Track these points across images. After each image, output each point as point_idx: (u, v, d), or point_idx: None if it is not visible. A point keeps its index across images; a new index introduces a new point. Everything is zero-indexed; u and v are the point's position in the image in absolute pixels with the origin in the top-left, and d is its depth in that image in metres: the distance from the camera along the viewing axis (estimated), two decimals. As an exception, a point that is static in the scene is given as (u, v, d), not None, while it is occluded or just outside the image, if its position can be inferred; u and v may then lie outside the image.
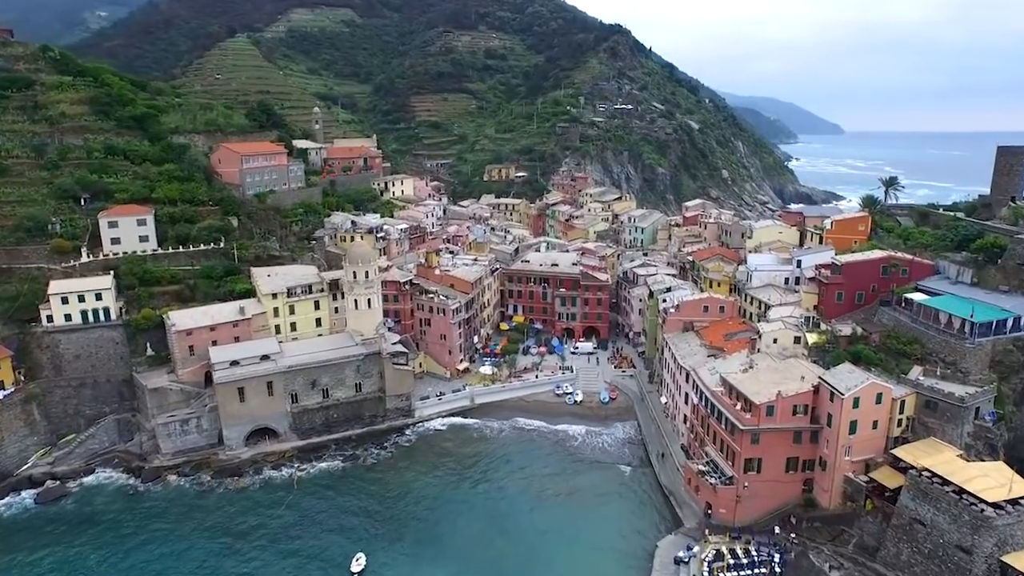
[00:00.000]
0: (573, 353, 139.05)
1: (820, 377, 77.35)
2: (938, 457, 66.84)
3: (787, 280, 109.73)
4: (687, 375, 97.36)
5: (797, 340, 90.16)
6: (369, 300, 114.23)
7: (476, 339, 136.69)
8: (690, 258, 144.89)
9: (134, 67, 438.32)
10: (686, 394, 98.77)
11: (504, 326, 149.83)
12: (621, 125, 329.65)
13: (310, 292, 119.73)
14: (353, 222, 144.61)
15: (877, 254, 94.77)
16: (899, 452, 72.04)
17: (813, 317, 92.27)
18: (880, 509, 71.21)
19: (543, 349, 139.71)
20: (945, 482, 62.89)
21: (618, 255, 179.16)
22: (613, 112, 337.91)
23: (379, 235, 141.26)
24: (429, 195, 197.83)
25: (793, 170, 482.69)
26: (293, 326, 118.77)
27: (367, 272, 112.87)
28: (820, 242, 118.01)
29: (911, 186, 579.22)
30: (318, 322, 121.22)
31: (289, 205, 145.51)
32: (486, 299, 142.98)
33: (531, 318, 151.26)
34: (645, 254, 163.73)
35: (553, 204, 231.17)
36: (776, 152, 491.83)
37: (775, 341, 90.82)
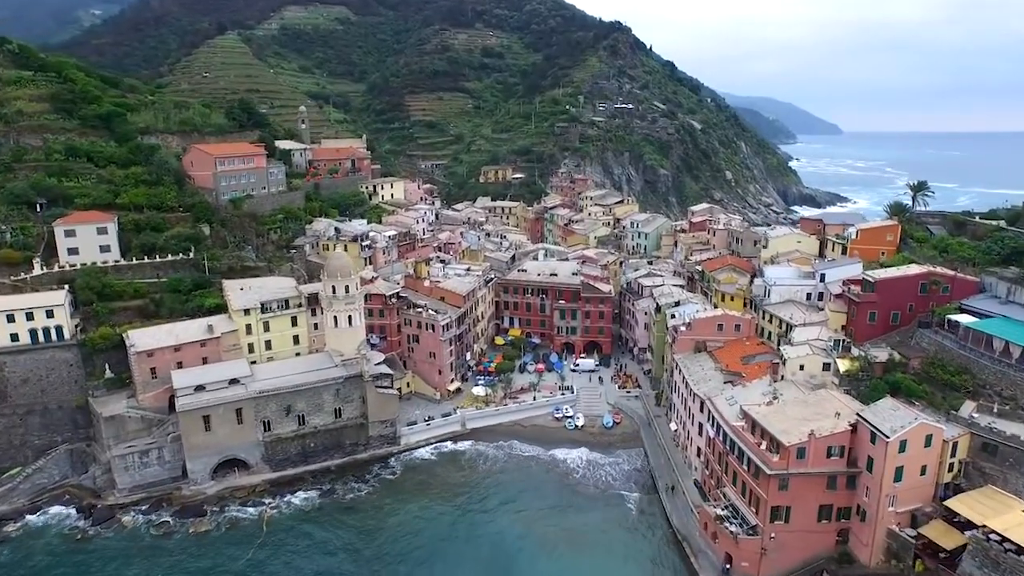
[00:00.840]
0: (573, 371, 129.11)
1: (858, 414, 67.35)
2: (1007, 517, 56.83)
3: (809, 296, 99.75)
4: (701, 403, 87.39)
5: (826, 367, 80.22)
6: (350, 317, 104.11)
7: (469, 356, 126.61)
8: (699, 268, 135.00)
9: (123, 65, 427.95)
10: (700, 424, 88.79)
11: (500, 340, 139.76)
12: (622, 125, 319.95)
13: (287, 307, 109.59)
14: (337, 229, 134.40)
15: (915, 269, 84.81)
16: (955, 505, 62.11)
17: (843, 340, 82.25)
18: (933, 574, 61.20)
19: (541, 367, 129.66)
20: (1020, 550, 52.91)
21: (620, 263, 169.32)
22: (613, 111, 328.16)
23: (364, 243, 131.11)
24: (421, 198, 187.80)
25: (796, 171, 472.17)
26: (268, 344, 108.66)
27: (347, 286, 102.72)
28: (843, 253, 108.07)
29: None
30: (295, 340, 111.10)
31: (268, 211, 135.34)
32: (480, 312, 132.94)
33: (528, 331, 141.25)
34: (650, 262, 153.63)
35: (551, 208, 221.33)
36: (779, 153, 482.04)
37: (801, 368, 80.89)
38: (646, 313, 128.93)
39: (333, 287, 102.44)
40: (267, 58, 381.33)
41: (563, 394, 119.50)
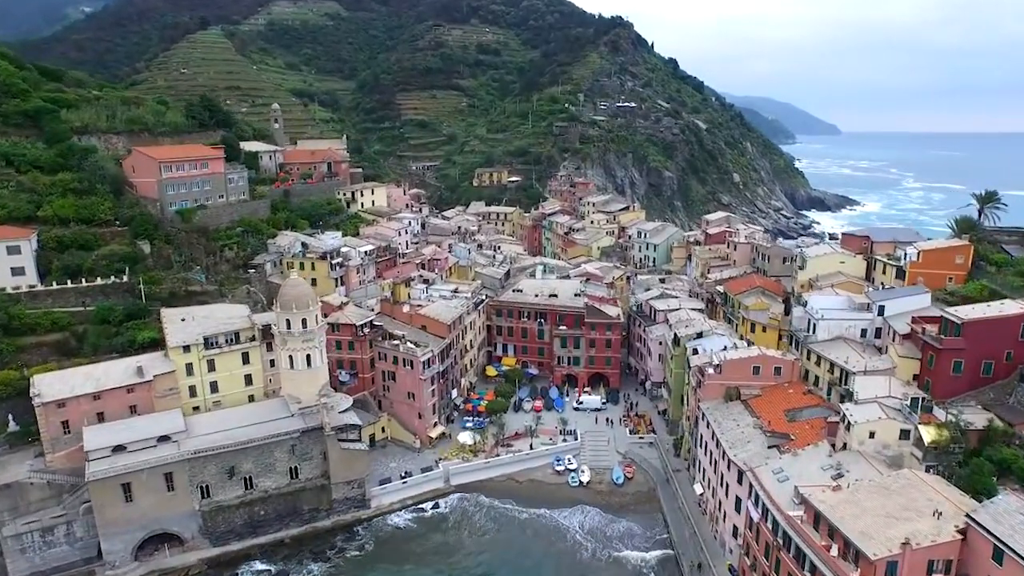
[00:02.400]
0: (576, 409, 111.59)
1: (970, 517, 49.82)
2: None
3: (864, 332, 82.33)
4: (739, 474, 69.91)
5: (905, 435, 62.64)
6: (309, 356, 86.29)
7: (455, 393, 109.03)
8: (720, 289, 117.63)
9: (104, 62, 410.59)
10: (737, 498, 71.30)
11: (492, 371, 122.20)
12: (624, 125, 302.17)
13: (237, 341, 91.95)
14: (304, 244, 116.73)
15: (1014, 307, 67.23)
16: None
17: (924, 398, 64.74)
18: None
19: (539, 405, 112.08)
20: None
21: (627, 278, 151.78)
22: (615, 110, 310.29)
23: (335, 261, 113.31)
24: (407, 205, 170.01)
25: (803, 172, 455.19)
26: (214, 387, 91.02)
27: (305, 320, 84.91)
28: (898, 277, 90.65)
29: (924, 189, 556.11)
30: (248, 380, 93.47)
31: (225, 223, 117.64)
32: (468, 340, 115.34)
33: (524, 360, 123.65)
34: (662, 280, 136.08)
35: (550, 214, 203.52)
36: (785, 154, 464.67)
37: (872, 436, 63.29)
38: (660, 343, 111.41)
39: (288, 321, 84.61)
40: (251, 54, 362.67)
41: (565, 440, 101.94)
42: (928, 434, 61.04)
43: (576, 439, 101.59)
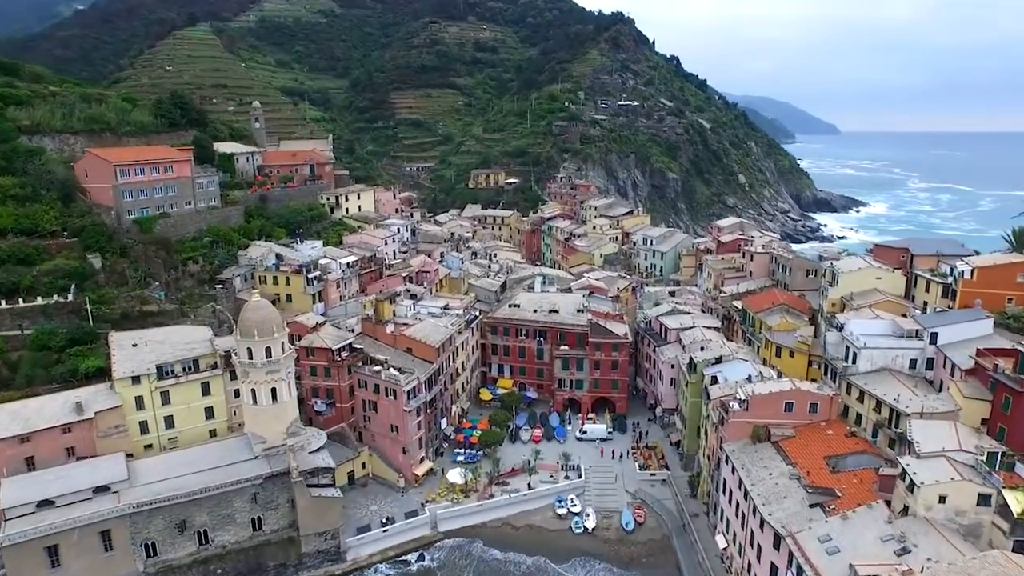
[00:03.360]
0: (580, 439, 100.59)
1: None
2: None
3: (914, 363, 71.35)
4: (775, 537, 58.87)
5: (984, 501, 51.59)
6: (274, 390, 75.13)
7: (445, 422, 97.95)
8: (738, 305, 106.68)
9: (90, 59, 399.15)
10: (773, 566, 60.21)
11: (486, 395, 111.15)
12: (626, 124, 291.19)
13: (196, 369, 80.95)
14: (279, 256, 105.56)
15: (1107, 344, 56.22)
16: None
17: (1004, 452, 53.73)
18: None
19: (538, 434, 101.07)
20: None
21: (633, 288, 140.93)
22: (617, 109, 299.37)
23: (312, 275, 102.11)
24: (397, 210, 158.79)
25: (809, 173, 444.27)
26: (169, 422, 79.98)
27: (269, 348, 73.75)
28: (945, 296, 79.60)
29: (930, 190, 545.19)
30: (209, 413, 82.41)
31: (191, 233, 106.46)
32: (460, 362, 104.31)
33: (523, 382, 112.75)
34: (672, 293, 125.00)
35: (550, 218, 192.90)
36: (790, 154, 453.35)
37: (942, 500, 52.24)
38: (672, 366, 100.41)
39: (249, 350, 73.44)
40: (240, 51, 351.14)
41: (567, 477, 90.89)
42: (1017, 502, 49.98)
43: (580, 476, 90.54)
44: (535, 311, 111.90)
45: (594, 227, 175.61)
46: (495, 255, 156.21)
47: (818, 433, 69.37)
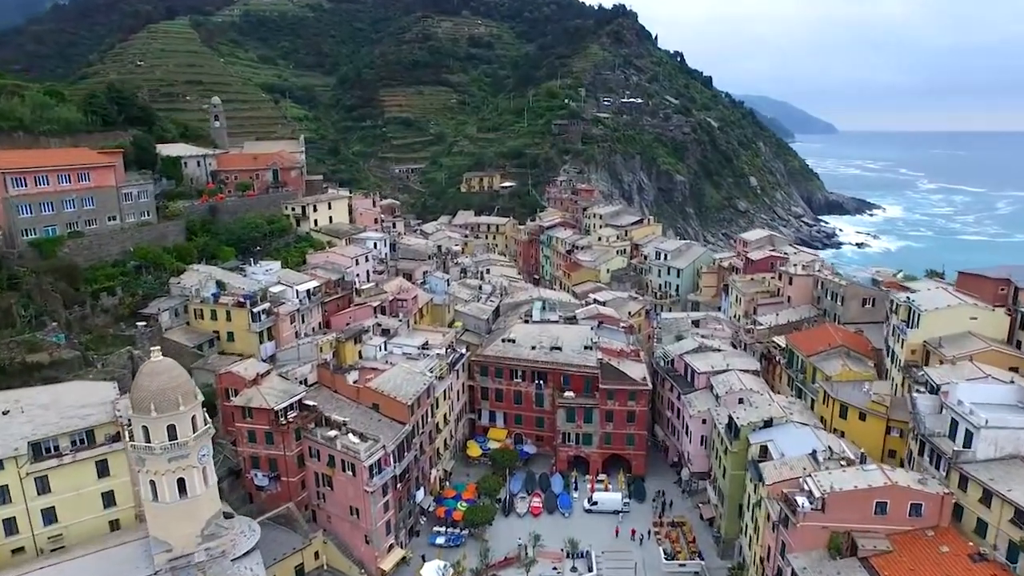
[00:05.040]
0: (589, 511, 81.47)
1: None
2: None
3: (1051, 448, 52.22)
4: None
5: None
6: (182, 481, 55.65)
7: (421, 494, 78.62)
8: (780, 342, 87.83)
9: (66, 55, 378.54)
10: None
11: (474, 449, 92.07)
12: (630, 123, 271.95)
13: (90, 443, 61.42)
14: (220, 284, 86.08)
15: None
16: None
17: None
18: None
19: (537, 504, 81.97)
20: None
21: (647, 311, 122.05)
22: (620, 106, 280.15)
23: (259, 308, 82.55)
24: (377, 220, 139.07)
25: (818, 175, 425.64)
26: (49, 516, 60.37)
27: (173, 427, 54.24)
28: (1070, 346, 60.63)
29: (942, 191, 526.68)
30: (108, 500, 62.70)
31: (113, 256, 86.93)
32: (442, 415, 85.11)
33: (518, 433, 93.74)
34: (696, 322, 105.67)
35: (549, 227, 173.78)
36: (799, 154, 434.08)
37: None
38: (704, 421, 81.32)
39: (145, 429, 53.97)
40: (219, 46, 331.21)
41: (575, 569, 71.70)
42: None
43: (590, 569, 71.28)
44: (533, 347, 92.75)
45: (599, 238, 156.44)
46: (487, 271, 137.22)
47: (927, 549, 50.16)
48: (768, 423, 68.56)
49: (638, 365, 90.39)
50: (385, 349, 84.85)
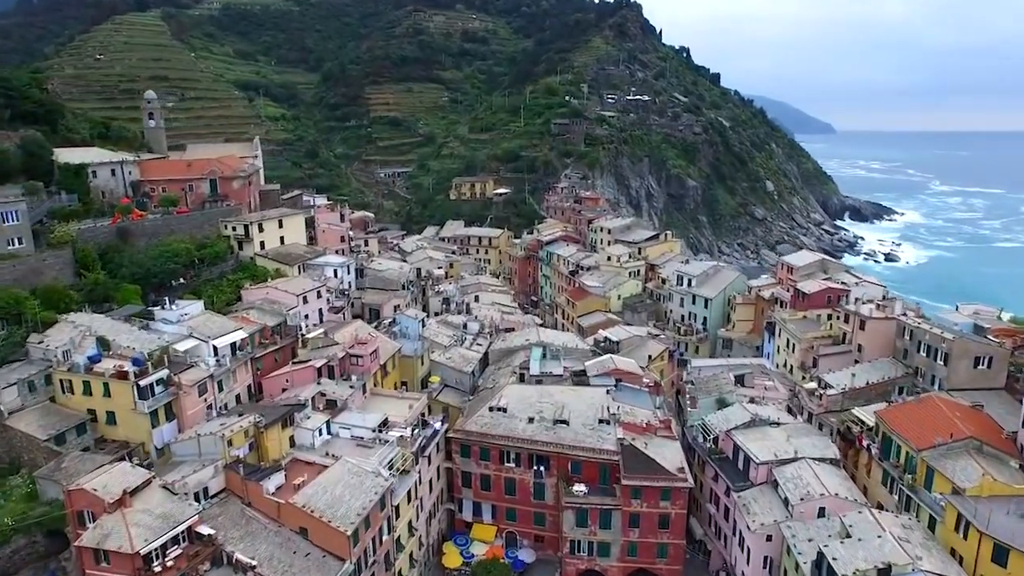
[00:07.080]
0: (609, 664, 58.27)
1: None
2: None
3: None
4: None
5: None
6: None
7: (373, 648, 55.20)
8: (864, 418, 64.84)
9: (32, 51, 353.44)
10: None
11: (453, 557, 68.80)
12: (637, 122, 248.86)
13: None
14: (101, 341, 62.55)
15: None
16: None
17: None
18: None
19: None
20: None
21: (670, 353, 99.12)
22: (625, 104, 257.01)
23: (148, 380, 59.07)
24: (344, 239, 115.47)
25: (832, 177, 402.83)
26: None
27: None
28: None
29: (958, 194, 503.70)
30: None
31: (-42, 302, 63.35)
32: (405, 525, 61.78)
33: (511, 531, 70.56)
34: (740, 379, 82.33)
35: (549, 242, 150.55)
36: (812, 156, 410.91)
37: None
38: (769, 538, 58.10)
39: None
40: (192, 40, 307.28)
41: None
42: None
43: None
44: (531, 420, 69.55)
45: (608, 257, 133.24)
46: (476, 299, 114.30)
47: None
48: (887, 571, 45.47)
49: (671, 444, 67.23)
50: (327, 433, 61.55)
